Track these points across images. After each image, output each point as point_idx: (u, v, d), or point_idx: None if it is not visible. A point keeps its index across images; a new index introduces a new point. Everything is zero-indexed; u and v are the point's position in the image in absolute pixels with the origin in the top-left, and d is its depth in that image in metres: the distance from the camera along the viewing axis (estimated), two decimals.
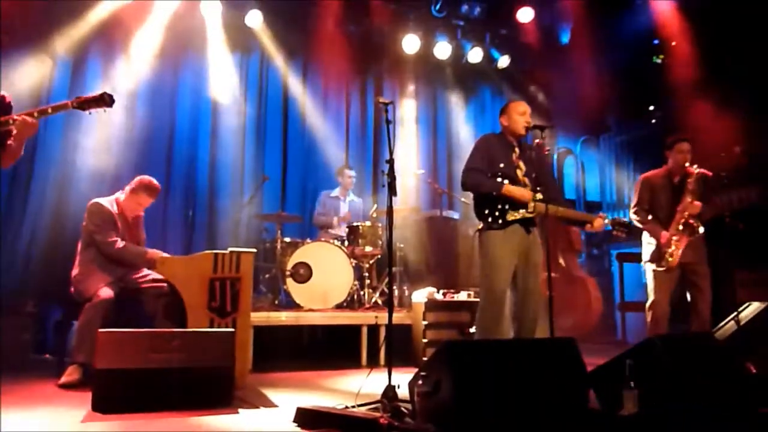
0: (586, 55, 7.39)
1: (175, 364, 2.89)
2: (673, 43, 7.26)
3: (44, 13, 5.45)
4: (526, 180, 3.60)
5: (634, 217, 4.55)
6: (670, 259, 4.29)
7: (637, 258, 5.25)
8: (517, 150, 3.69)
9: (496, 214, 3.49)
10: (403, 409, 2.62)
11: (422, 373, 2.49)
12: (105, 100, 3.07)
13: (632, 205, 4.59)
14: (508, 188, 3.48)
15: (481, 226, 3.58)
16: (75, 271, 3.96)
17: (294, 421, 2.54)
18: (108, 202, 4.10)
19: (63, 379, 3.56)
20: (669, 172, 4.52)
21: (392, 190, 3.11)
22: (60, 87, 5.73)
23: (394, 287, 5.55)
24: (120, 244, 3.95)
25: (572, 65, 7.47)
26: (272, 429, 2.47)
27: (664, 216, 4.43)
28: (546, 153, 3.96)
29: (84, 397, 3.08)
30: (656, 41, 7.44)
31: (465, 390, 2.27)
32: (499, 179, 3.52)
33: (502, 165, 3.57)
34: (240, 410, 2.88)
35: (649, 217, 4.47)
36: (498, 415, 2.31)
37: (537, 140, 3.93)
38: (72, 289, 3.96)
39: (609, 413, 2.73)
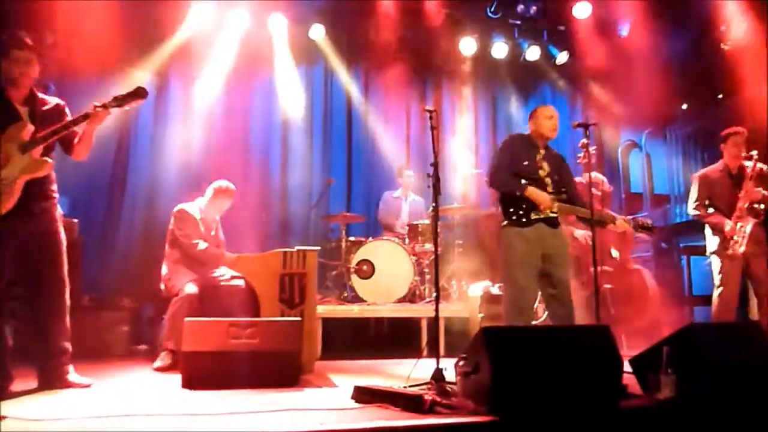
0: (648, 46, 7.30)
1: (250, 348, 3.29)
2: (742, 28, 7.06)
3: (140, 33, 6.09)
4: (548, 180, 3.79)
5: (694, 213, 4.66)
6: (737, 246, 4.36)
7: (704, 250, 5.27)
8: (542, 151, 3.88)
9: (521, 212, 3.70)
10: (448, 389, 2.89)
11: (464, 356, 2.75)
12: (140, 94, 3.29)
13: (692, 201, 4.70)
14: (531, 191, 3.67)
15: (505, 222, 3.78)
16: (164, 270, 4.48)
17: (351, 398, 2.86)
18: (191, 207, 4.60)
19: (156, 364, 4.08)
20: (726, 166, 4.61)
21: (437, 191, 3.37)
22: (145, 105, 6.38)
23: (453, 281, 5.80)
24: (202, 245, 4.43)
25: (634, 56, 7.39)
26: (331, 403, 2.80)
27: (726, 207, 4.52)
28: (592, 153, 4.12)
29: (173, 378, 3.54)
30: (723, 27, 7.25)
31: (500, 371, 2.50)
32: (523, 180, 3.71)
33: (525, 163, 3.77)
34: (305, 389, 3.25)
35: (710, 210, 4.55)
36: (531, 396, 2.53)
37: (582, 140, 4.11)
38: (162, 285, 4.48)
39: (647, 397, 2.88)
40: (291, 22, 6.70)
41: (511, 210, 3.75)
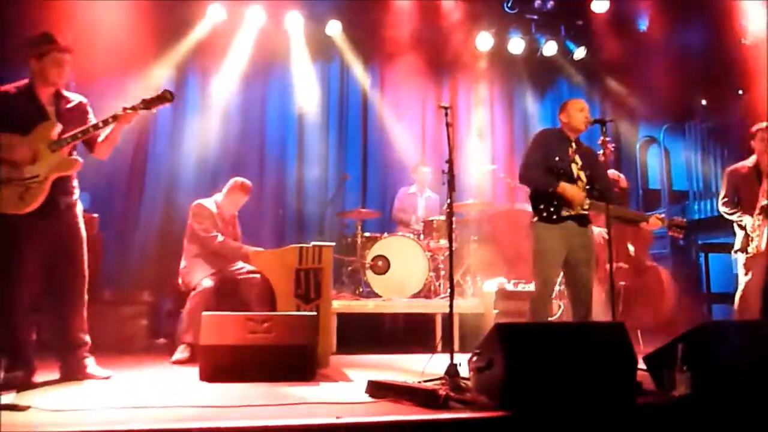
0: (667, 40, 7.24)
1: (266, 342, 3.34)
2: (761, 22, 6.97)
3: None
4: (582, 175, 3.76)
5: (723, 209, 4.65)
6: (755, 243, 4.33)
7: (722, 248, 5.24)
8: (573, 146, 3.84)
9: (551, 209, 3.67)
10: (462, 384, 2.91)
11: (477, 351, 2.77)
12: (167, 98, 3.39)
13: (720, 197, 4.68)
14: (564, 187, 3.64)
15: (535, 218, 3.78)
16: (182, 264, 4.54)
17: (365, 392, 2.89)
18: (208, 202, 4.66)
19: (174, 357, 4.15)
20: (756, 161, 4.57)
21: (452, 187, 3.38)
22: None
23: (468, 278, 5.81)
24: (220, 239, 4.49)
25: (652, 51, 7.33)
26: (347, 397, 2.84)
27: (750, 204, 4.48)
28: (612, 150, 4.10)
29: (191, 371, 3.60)
30: (743, 21, 7.15)
31: (513, 367, 2.51)
32: (556, 174, 3.69)
33: (558, 159, 3.74)
34: (321, 383, 3.29)
35: (738, 208, 4.53)
36: (545, 392, 2.54)
37: (602, 138, 4.07)
38: (180, 280, 4.55)
39: (661, 394, 2.87)
40: (307, 18, 6.73)
41: (542, 206, 3.73)
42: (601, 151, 3.98)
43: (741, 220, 4.49)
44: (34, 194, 3.10)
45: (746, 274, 4.44)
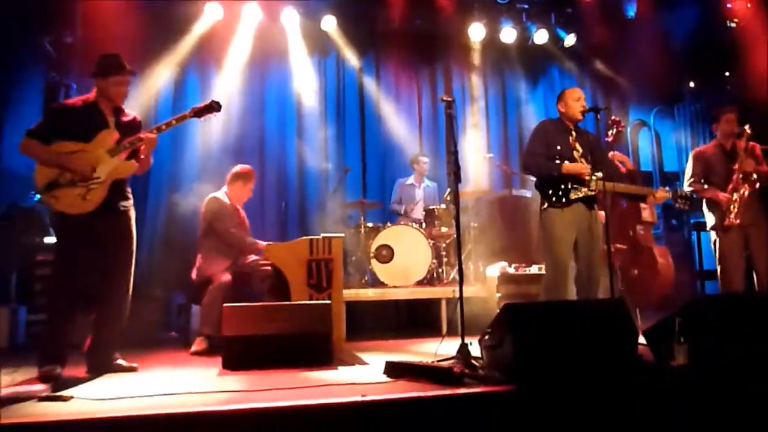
0: (655, 25, 7.40)
1: (285, 330, 3.52)
2: (748, 5, 7.15)
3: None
4: (583, 161, 3.93)
5: (689, 189, 4.83)
6: (732, 216, 4.55)
7: None
8: (573, 133, 4.02)
9: (560, 193, 3.85)
10: (474, 362, 3.10)
11: (488, 330, 2.95)
12: (214, 107, 3.74)
13: (687, 177, 4.90)
14: (566, 166, 3.82)
15: (545, 205, 3.94)
16: (199, 258, 4.68)
17: (384, 373, 3.06)
18: (221, 195, 4.81)
19: (193, 348, 4.30)
20: (719, 143, 4.80)
21: (457, 178, 3.54)
22: (164, 99, 6.59)
23: (470, 263, 5.98)
24: (239, 235, 4.66)
25: (641, 36, 7.48)
26: (366, 378, 3.01)
27: (722, 182, 4.72)
28: (621, 129, 4.29)
29: (212, 361, 3.77)
30: (729, 4, 7.32)
31: (522, 345, 2.70)
32: (558, 161, 3.87)
33: (559, 147, 3.92)
34: (339, 367, 3.46)
35: (705, 186, 4.73)
36: (554, 366, 2.73)
37: (613, 117, 4.24)
38: (195, 273, 4.67)
39: (661, 365, 3.07)
40: (302, 14, 6.83)
41: (550, 192, 3.90)
42: (612, 131, 4.15)
43: (713, 196, 4.68)
44: (95, 194, 3.36)
45: (722, 251, 4.68)
